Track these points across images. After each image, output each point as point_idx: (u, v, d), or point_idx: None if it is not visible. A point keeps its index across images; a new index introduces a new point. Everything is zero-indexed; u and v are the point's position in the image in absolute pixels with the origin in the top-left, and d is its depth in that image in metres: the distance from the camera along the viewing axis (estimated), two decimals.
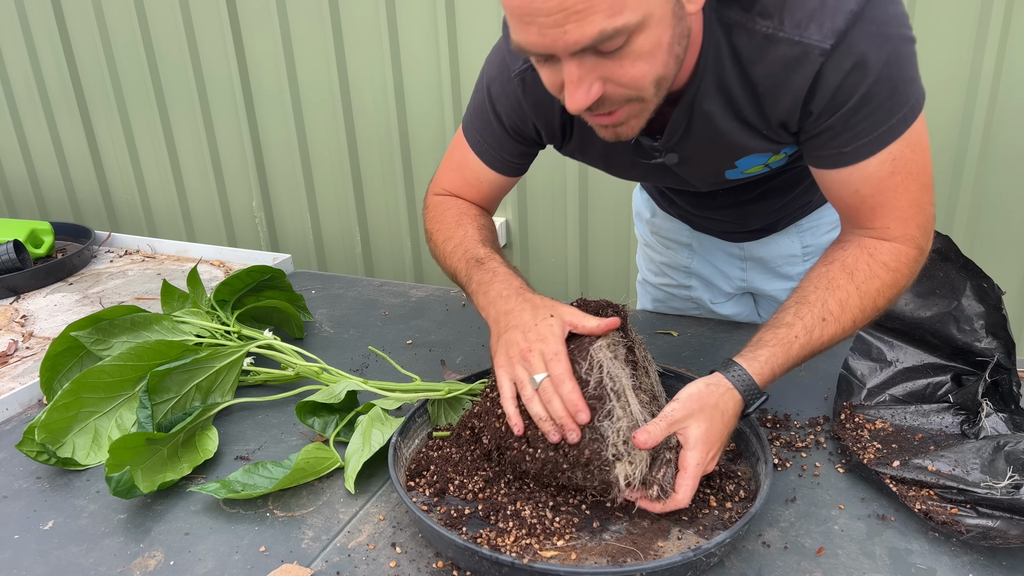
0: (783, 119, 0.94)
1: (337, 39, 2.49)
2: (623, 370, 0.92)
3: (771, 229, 1.34)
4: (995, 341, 1.06)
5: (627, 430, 0.87)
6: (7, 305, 1.67)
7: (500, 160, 1.15)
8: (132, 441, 0.99)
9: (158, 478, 1.00)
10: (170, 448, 1.05)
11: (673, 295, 1.53)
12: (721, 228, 1.38)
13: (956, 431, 1.04)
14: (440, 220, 1.18)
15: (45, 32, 2.93)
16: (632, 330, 1.01)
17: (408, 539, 0.91)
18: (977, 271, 1.08)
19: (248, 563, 0.89)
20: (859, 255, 0.97)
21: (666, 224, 1.46)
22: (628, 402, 0.89)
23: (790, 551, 0.87)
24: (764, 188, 1.23)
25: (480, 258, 1.08)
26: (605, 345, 0.93)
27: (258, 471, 1.01)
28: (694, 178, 1.11)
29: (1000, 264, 2.02)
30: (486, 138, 1.13)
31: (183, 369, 1.13)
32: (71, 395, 1.09)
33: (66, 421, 1.09)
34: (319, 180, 2.76)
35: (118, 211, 3.22)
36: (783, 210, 1.30)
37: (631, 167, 1.12)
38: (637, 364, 0.97)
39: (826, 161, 0.96)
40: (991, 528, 0.84)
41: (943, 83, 1.92)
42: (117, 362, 1.11)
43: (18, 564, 0.91)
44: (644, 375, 0.97)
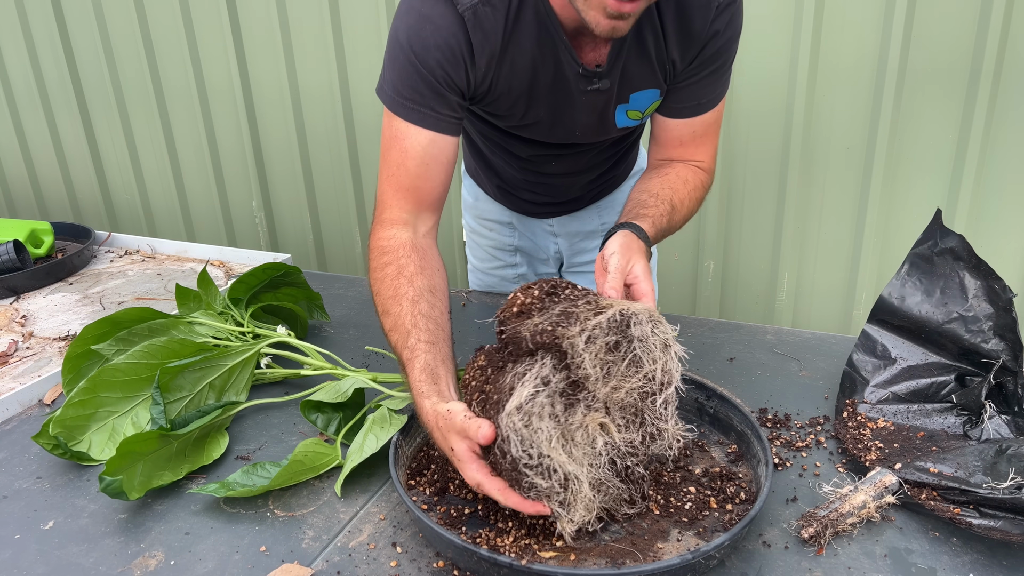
0: (675, 59, 1.15)
1: (337, 39, 2.49)
2: (540, 430, 0.82)
3: (577, 204, 1.53)
4: (1002, 343, 1.06)
5: (557, 488, 0.83)
6: (7, 305, 1.67)
7: (440, 118, 1.12)
8: (143, 437, 1.00)
9: (155, 479, 1.01)
10: (180, 444, 1.05)
11: (501, 278, 1.70)
12: (537, 204, 1.53)
13: (958, 432, 1.04)
14: (380, 282, 1.10)
15: (45, 32, 2.93)
16: (581, 322, 0.84)
17: (409, 539, 0.91)
18: (989, 272, 1.08)
19: (248, 563, 0.89)
20: (687, 171, 1.24)
21: (488, 207, 1.61)
22: (550, 464, 0.82)
23: (791, 551, 0.87)
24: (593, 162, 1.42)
25: (403, 363, 1.02)
26: (514, 411, 0.82)
27: (256, 471, 1.01)
28: (595, 118, 1.22)
29: (1000, 264, 2.02)
30: (419, 101, 1.10)
31: (196, 367, 1.14)
32: (88, 393, 1.09)
33: (84, 419, 1.09)
34: (319, 180, 2.76)
35: (118, 211, 3.22)
36: (592, 184, 1.50)
37: (548, 98, 1.17)
38: (581, 383, 0.84)
39: (685, 111, 1.22)
40: (993, 528, 0.84)
41: (944, 81, 1.92)
42: (131, 360, 1.12)
43: (18, 564, 0.91)
44: (601, 382, 0.85)
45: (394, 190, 1.15)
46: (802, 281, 2.26)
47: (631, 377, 0.86)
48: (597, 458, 0.85)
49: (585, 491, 0.83)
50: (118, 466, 0.97)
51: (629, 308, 0.85)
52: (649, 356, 0.85)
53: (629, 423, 0.87)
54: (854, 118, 2.03)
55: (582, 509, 0.84)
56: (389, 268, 1.10)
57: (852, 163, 2.07)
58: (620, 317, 0.84)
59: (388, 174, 1.16)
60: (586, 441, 0.84)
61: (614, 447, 0.86)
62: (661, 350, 0.86)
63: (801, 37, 1.98)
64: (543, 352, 0.85)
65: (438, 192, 1.17)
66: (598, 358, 0.84)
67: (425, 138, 1.12)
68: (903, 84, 1.94)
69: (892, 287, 1.14)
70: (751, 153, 2.15)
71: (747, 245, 2.28)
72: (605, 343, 0.84)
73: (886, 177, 2.04)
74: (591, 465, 0.84)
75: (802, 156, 2.10)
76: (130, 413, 1.12)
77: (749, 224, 2.25)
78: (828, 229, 2.17)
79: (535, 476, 0.82)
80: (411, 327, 1.03)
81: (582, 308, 0.85)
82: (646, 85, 1.19)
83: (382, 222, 1.16)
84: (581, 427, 0.84)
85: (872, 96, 1.98)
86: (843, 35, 1.96)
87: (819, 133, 2.07)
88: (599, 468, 0.85)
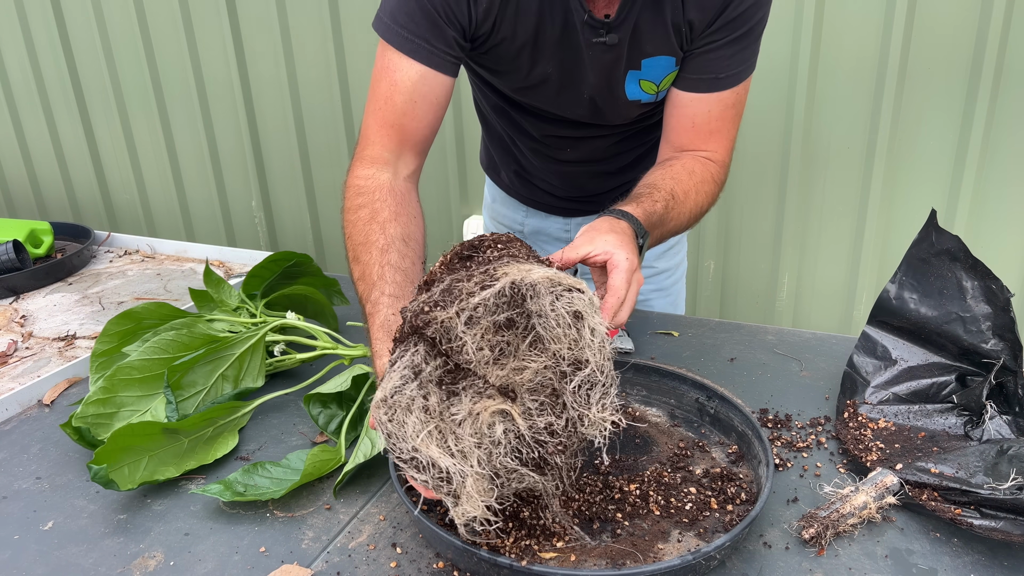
0: (693, 21, 1.09)
1: (337, 39, 2.48)
2: (404, 423, 0.76)
3: (596, 205, 1.45)
4: (1001, 343, 1.06)
5: (438, 482, 0.76)
6: (7, 305, 1.66)
7: (434, 52, 1.08)
8: (139, 429, 1.00)
9: (157, 473, 1.01)
10: (191, 442, 1.06)
11: None
12: (555, 196, 1.48)
13: (959, 432, 1.04)
14: (352, 225, 1.07)
15: (44, 31, 2.93)
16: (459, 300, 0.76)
17: (408, 539, 0.91)
18: (986, 272, 1.08)
19: (248, 563, 0.89)
20: (695, 163, 1.16)
21: (503, 209, 1.59)
22: (420, 458, 0.75)
23: (791, 551, 0.87)
24: (611, 151, 1.36)
25: (366, 316, 0.99)
26: (379, 403, 0.77)
27: (257, 471, 1.00)
28: (604, 79, 1.16)
29: (1001, 264, 2.02)
30: (415, 31, 1.07)
31: (207, 360, 1.14)
32: (106, 392, 1.10)
33: (106, 417, 1.10)
34: (318, 180, 2.76)
35: (117, 211, 3.22)
36: (612, 180, 1.43)
37: (556, 47, 1.13)
38: (466, 368, 0.77)
39: (700, 85, 1.14)
40: (995, 529, 0.84)
41: (945, 81, 1.92)
42: (144, 357, 1.12)
43: (18, 564, 0.91)
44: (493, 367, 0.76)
45: (379, 125, 1.11)
46: (802, 281, 2.26)
47: (536, 357, 0.76)
48: (496, 447, 0.76)
49: (470, 485, 0.74)
50: (109, 456, 0.97)
51: (525, 278, 0.74)
52: (551, 333, 0.74)
53: (546, 407, 0.77)
54: (855, 118, 2.02)
55: (475, 501, 0.75)
56: (363, 211, 1.06)
57: (852, 163, 2.07)
58: (512, 290, 0.74)
59: (374, 108, 1.12)
60: (477, 431, 0.76)
61: (518, 434, 0.76)
62: (568, 324, 0.74)
63: (802, 37, 1.98)
64: (415, 336, 0.77)
65: (424, 133, 1.13)
66: (485, 340, 0.74)
67: (416, 72, 1.08)
68: (903, 84, 1.94)
69: (891, 288, 1.14)
70: (751, 153, 2.15)
71: (747, 245, 2.28)
72: (493, 322, 0.74)
73: (886, 177, 2.04)
74: (488, 455, 0.75)
75: (802, 156, 2.10)
76: (150, 410, 1.12)
77: (749, 224, 2.25)
78: (828, 229, 2.17)
79: (410, 469, 0.76)
80: (377, 278, 0.98)
81: (473, 281, 0.76)
82: (659, 51, 1.13)
83: (362, 159, 1.12)
84: (470, 416, 0.76)
85: (873, 96, 1.98)
86: (844, 34, 1.95)
87: (819, 133, 2.07)
88: (498, 457, 0.76)
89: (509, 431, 0.76)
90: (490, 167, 1.57)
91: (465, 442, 0.75)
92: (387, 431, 0.76)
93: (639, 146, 1.40)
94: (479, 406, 0.76)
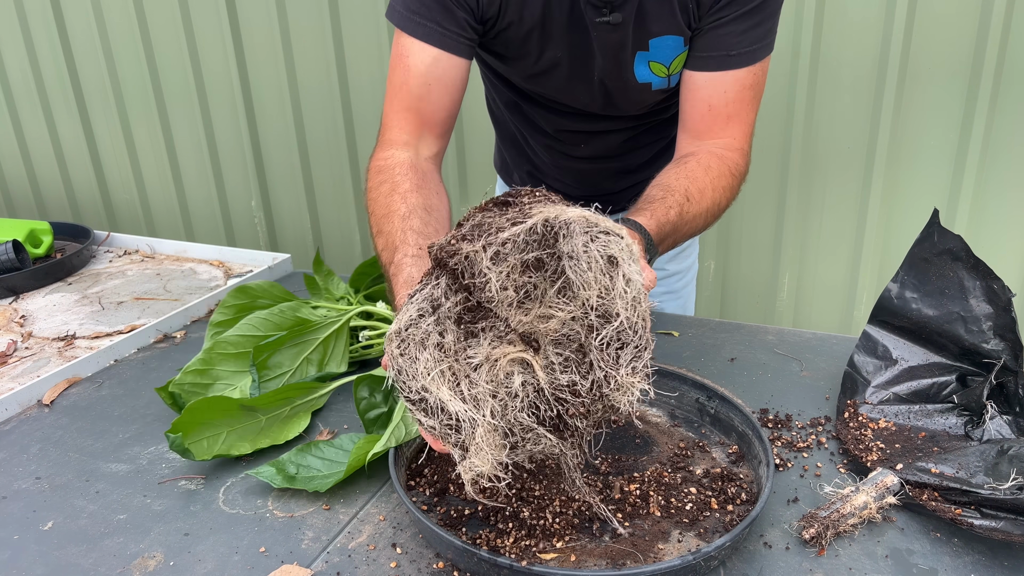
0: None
1: (337, 39, 2.48)
2: (416, 359, 0.70)
3: (610, 206, 1.42)
4: (1002, 343, 1.05)
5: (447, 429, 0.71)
6: (6, 305, 1.66)
7: (446, 35, 1.08)
8: (215, 403, 1.03)
9: (234, 448, 1.04)
10: (269, 420, 1.08)
11: None
12: (569, 197, 1.43)
13: (960, 432, 1.04)
14: (374, 202, 1.07)
15: (44, 31, 2.93)
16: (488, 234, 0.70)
17: (408, 539, 0.91)
18: (988, 272, 1.07)
19: (248, 564, 0.89)
20: (710, 157, 1.12)
21: None
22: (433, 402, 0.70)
23: (792, 552, 0.87)
24: (625, 147, 1.33)
25: (388, 278, 1.00)
26: (392, 337, 0.72)
27: (311, 451, 1.01)
28: (610, 56, 1.14)
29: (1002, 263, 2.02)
30: (426, 15, 1.08)
31: (292, 343, 1.17)
32: (204, 364, 1.16)
33: (202, 387, 1.15)
34: (318, 180, 2.76)
35: (117, 211, 3.21)
36: (627, 179, 1.40)
37: (565, 32, 1.12)
38: (486, 308, 0.71)
39: (712, 63, 1.11)
40: (995, 529, 0.84)
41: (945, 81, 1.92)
42: (238, 333, 1.18)
43: (17, 564, 0.91)
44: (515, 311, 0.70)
45: (396, 111, 1.12)
46: (803, 281, 2.26)
47: (563, 305, 0.69)
48: (512, 399, 0.70)
49: (480, 435, 0.68)
50: (185, 427, 1.01)
51: (560, 215, 0.68)
52: (582, 278, 0.67)
53: (571, 363, 0.71)
54: (855, 118, 2.02)
55: (485, 455, 0.69)
56: (383, 186, 1.06)
57: (853, 163, 2.07)
58: (544, 228, 0.68)
59: (391, 95, 1.13)
60: (493, 378, 0.70)
61: (538, 389, 0.70)
62: (601, 270, 0.67)
63: (802, 37, 1.97)
64: (439, 270, 0.72)
65: (441, 116, 1.12)
66: (510, 280, 0.68)
67: (429, 56, 1.09)
68: (904, 84, 1.94)
69: (892, 288, 1.14)
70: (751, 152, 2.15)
71: (748, 245, 2.28)
72: (520, 260, 0.68)
73: (887, 177, 2.04)
74: (503, 407, 0.69)
75: (803, 155, 2.10)
76: (239, 386, 1.16)
77: (750, 224, 2.25)
78: (829, 228, 2.17)
79: (418, 412, 0.71)
80: (400, 243, 0.97)
81: (505, 218, 0.70)
82: (667, 30, 1.11)
83: (382, 143, 1.13)
84: (487, 361, 0.70)
85: (873, 95, 1.98)
86: (844, 35, 1.95)
87: (820, 132, 2.07)
88: (514, 411, 0.69)
89: (528, 384, 0.70)
90: (503, 169, 1.56)
91: (479, 388, 0.69)
92: (397, 366, 0.71)
93: (654, 142, 1.38)
94: (498, 351, 0.70)
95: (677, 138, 1.21)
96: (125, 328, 1.52)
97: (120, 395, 1.28)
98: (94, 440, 1.16)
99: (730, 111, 1.13)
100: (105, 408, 1.24)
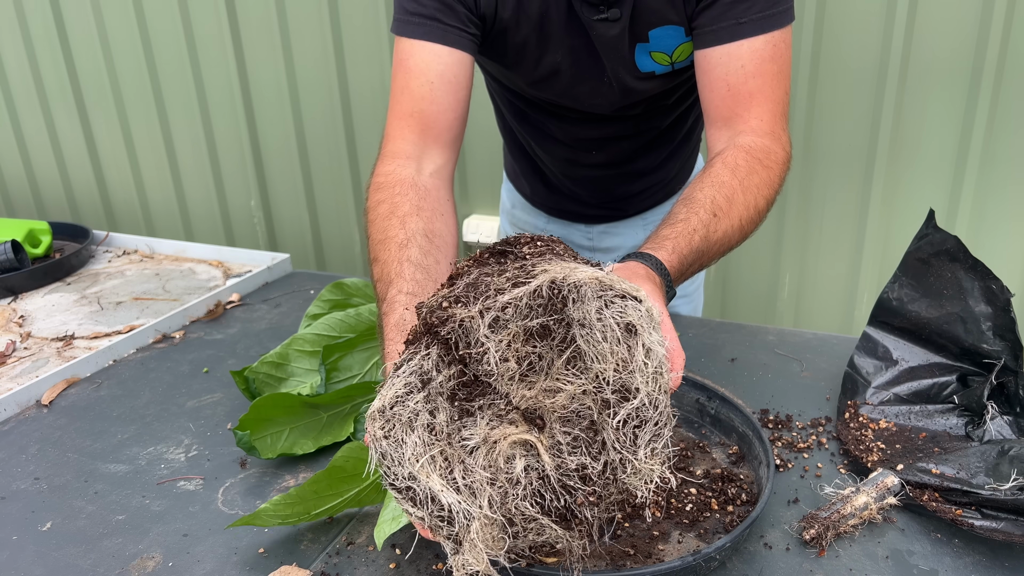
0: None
1: (336, 39, 2.48)
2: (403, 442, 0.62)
3: (626, 208, 1.42)
4: (1002, 343, 1.05)
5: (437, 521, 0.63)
6: (5, 305, 1.66)
7: (447, 30, 1.04)
8: (280, 400, 1.03)
9: (297, 446, 1.04)
10: (331, 418, 1.08)
11: None
12: (583, 204, 1.44)
13: (960, 432, 1.04)
14: (372, 224, 1.00)
15: (43, 31, 2.93)
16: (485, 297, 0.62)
17: (408, 540, 0.91)
18: (986, 272, 1.07)
19: (247, 565, 0.89)
20: (737, 153, 1.01)
21: (524, 215, 1.55)
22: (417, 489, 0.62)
23: (792, 552, 0.87)
24: (638, 154, 1.31)
25: (380, 314, 0.89)
26: (375, 415, 0.64)
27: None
28: (610, 51, 1.11)
29: (1002, 263, 2.02)
30: (424, 14, 1.04)
31: (363, 347, 1.16)
32: (280, 358, 1.18)
33: (275, 380, 1.17)
34: (318, 180, 2.76)
35: (116, 211, 3.21)
36: (639, 181, 1.37)
37: (564, 34, 1.10)
38: (484, 383, 0.63)
39: (722, 34, 1.02)
40: (996, 530, 0.84)
41: (946, 80, 1.91)
42: (314, 332, 1.19)
43: (16, 565, 0.91)
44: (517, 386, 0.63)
45: (397, 118, 1.06)
46: (803, 281, 2.26)
47: (573, 378, 0.61)
48: (514, 486, 0.61)
49: (476, 530, 0.61)
50: (252, 424, 1.02)
51: (568, 277, 0.60)
52: (596, 349, 0.60)
53: (580, 443, 0.62)
54: (855, 118, 2.02)
55: (480, 552, 0.62)
56: (382, 207, 0.98)
57: (853, 163, 2.07)
58: (551, 291, 0.60)
59: (393, 103, 1.07)
60: (492, 463, 0.62)
61: (542, 474, 0.62)
62: (617, 340, 0.60)
63: (803, 36, 1.97)
64: (429, 337, 0.63)
65: (446, 120, 1.05)
66: (512, 350, 0.60)
67: (430, 53, 1.04)
68: (904, 83, 1.94)
69: (890, 289, 1.13)
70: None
71: (748, 245, 2.26)
72: (524, 328, 0.60)
73: (888, 177, 2.04)
74: (502, 496, 0.62)
75: (803, 156, 2.10)
76: (310, 383, 1.17)
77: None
78: (829, 228, 2.17)
79: (405, 502, 0.63)
80: (395, 276, 0.88)
81: (505, 277, 0.63)
82: (664, 20, 1.07)
83: (383, 156, 1.05)
84: (485, 444, 0.62)
85: (874, 96, 1.98)
86: (845, 34, 1.95)
87: (820, 132, 2.07)
88: (515, 500, 0.61)
89: (532, 469, 0.62)
90: (511, 172, 1.55)
91: (476, 475, 0.61)
92: (381, 449, 0.62)
93: (666, 144, 1.35)
94: (497, 432, 0.62)
95: (707, 135, 1.12)
96: (124, 328, 1.52)
97: (119, 395, 1.28)
98: (93, 440, 1.15)
99: (751, 87, 1.03)
100: (104, 408, 1.24)
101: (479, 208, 2.57)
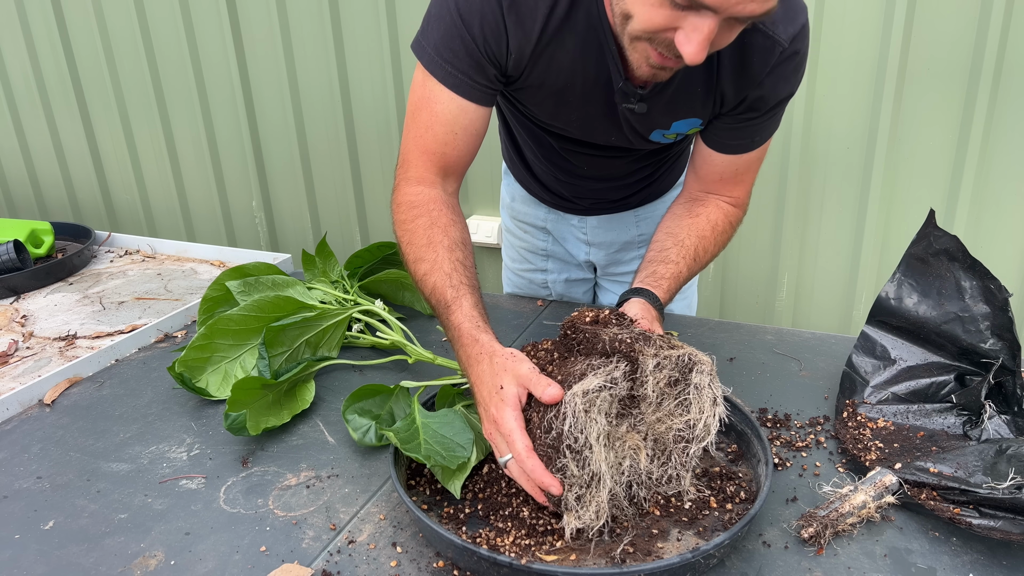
0: (725, 94, 1.11)
1: (337, 39, 2.49)
2: (596, 421, 0.85)
3: (616, 206, 1.51)
4: (1000, 343, 1.06)
5: (583, 481, 0.84)
6: (7, 305, 1.67)
7: (475, 87, 1.10)
8: (249, 384, 1.10)
9: (262, 422, 1.11)
10: (275, 395, 1.16)
11: (530, 281, 1.68)
12: (571, 200, 1.50)
13: (958, 432, 1.04)
14: (411, 233, 1.11)
15: (45, 31, 2.93)
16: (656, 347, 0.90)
17: (409, 538, 0.91)
18: (984, 272, 1.08)
19: (249, 563, 0.89)
20: (719, 215, 1.23)
21: (524, 208, 1.59)
22: (590, 456, 0.84)
23: (790, 551, 0.87)
24: (629, 170, 1.39)
25: (448, 303, 1.03)
26: (580, 393, 0.85)
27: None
28: (629, 132, 1.19)
29: (1001, 263, 2.02)
30: (458, 66, 1.09)
31: (296, 326, 1.25)
32: (206, 339, 1.23)
33: (201, 361, 1.24)
34: (319, 180, 2.76)
35: (118, 211, 3.22)
36: (631, 188, 1.46)
37: (581, 104, 1.16)
38: (640, 399, 0.89)
39: (730, 148, 1.19)
40: (993, 528, 0.84)
41: (944, 81, 1.92)
42: (242, 312, 1.24)
43: (18, 564, 0.91)
44: (652, 408, 0.90)
45: (419, 151, 1.14)
46: (802, 281, 2.26)
47: (676, 417, 0.90)
48: (620, 475, 0.88)
49: (603, 496, 0.84)
50: (236, 406, 1.09)
51: (697, 355, 0.90)
52: (698, 405, 0.89)
53: (656, 457, 0.91)
54: (854, 118, 2.03)
55: (593, 511, 0.85)
56: (421, 220, 1.11)
57: (852, 163, 2.07)
58: (688, 360, 0.90)
59: (415, 135, 1.14)
60: (620, 454, 0.88)
61: (636, 472, 0.89)
62: (709, 404, 0.89)
63: None
64: (619, 357, 0.89)
65: (464, 160, 1.16)
66: (659, 386, 0.89)
67: (456, 106, 1.11)
68: (903, 84, 1.94)
69: (889, 288, 1.14)
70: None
71: (747, 245, 2.28)
72: (669, 376, 0.89)
73: (886, 177, 2.04)
74: (615, 476, 0.87)
75: (802, 156, 2.10)
76: (239, 359, 1.25)
77: (749, 224, 2.25)
78: (828, 229, 2.17)
79: (571, 460, 0.83)
80: (451, 271, 1.04)
81: (657, 338, 0.92)
82: (689, 115, 1.15)
83: (407, 179, 1.15)
84: (621, 440, 0.88)
85: (872, 96, 1.98)
86: (843, 35, 1.96)
87: (819, 133, 2.07)
88: (618, 483, 0.88)
89: (632, 466, 0.89)
90: (510, 163, 1.57)
91: (611, 459, 0.87)
92: (576, 418, 0.83)
93: (659, 163, 1.42)
94: (628, 436, 0.89)
95: (686, 177, 1.29)
96: (126, 328, 1.52)
97: (121, 395, 1.28)
98: (95, 439, 1.16)
99: (738, 178, 1.23)
100: (106, 408, 1.25)
101: (479, 208, 2.58)
